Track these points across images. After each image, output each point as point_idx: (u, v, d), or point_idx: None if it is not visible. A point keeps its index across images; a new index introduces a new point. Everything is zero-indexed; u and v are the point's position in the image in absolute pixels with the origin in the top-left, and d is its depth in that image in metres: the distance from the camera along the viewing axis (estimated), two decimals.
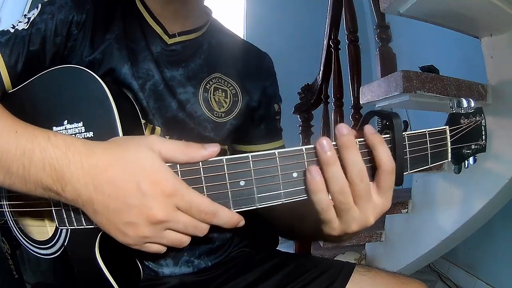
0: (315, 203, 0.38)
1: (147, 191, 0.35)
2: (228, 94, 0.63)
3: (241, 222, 0.39)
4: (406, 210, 1.42)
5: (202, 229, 0.38)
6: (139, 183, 0.35)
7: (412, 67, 1.13)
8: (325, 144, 0.36)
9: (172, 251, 0.62)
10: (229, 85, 0.63)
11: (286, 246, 1.81)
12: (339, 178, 0.37)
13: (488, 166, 1.10)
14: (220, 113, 0.61)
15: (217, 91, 0.62)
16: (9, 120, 0.40)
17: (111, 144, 0.38)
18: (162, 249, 0.39)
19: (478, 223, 1.27)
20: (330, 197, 0.38)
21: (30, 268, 0.54)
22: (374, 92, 1.17)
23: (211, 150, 0.37)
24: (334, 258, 1.62)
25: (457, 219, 1.22)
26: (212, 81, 0.62)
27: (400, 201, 1.42)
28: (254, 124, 0.66)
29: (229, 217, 0.38)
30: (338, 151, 0.37)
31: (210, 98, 0.61)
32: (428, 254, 1.37)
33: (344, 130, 0.37)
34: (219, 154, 0.38)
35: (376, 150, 0.38)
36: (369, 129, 0.38)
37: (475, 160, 0.46)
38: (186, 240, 0.39)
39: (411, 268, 1.46)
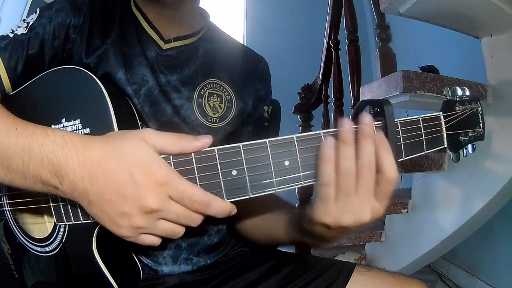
0: (321, 173, 0.39)
1: (140, 181, 0.36)
2: (223, 100, 0.63)
3: (234, 210, 0.39)
4: (406, 210, 1.42)
5: (195, 219, 0.38)
6: (133, 173, 0.36)
7: (412, 67, 1.13)
8: (345, 124, 0.38)
9: (171, 248, 0.62)
10: (224, 90, 0.64)
11: (286, 246, 1.81)
12: (350, 159, 0.38)
13: (488, 166, 1.10)
14: (214, 118, 0.62)
15: (212, 96, 0.62)
16: (9, 119, 0.41)
17: (107, 138, 0.39)
18: (157, 240, 0.40)
19: (478, 223, 1.27)
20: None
21: (29, 267, 0.54)
22: (374, 92, 1.17)
23: (203, 141, 0.38)
24: (334, 258, 1.62)
25: (457, 219, 1.22)
26: (207, 87, 0.62)
27: (400, 201, 1.42)
28: (242, 125, 0.67)
29: (222, 207, 0.38)
30: (356, 137, 0.39)
31: (204, 103, 0.61)
32: (428, 254, 1.37)
33: (367, 119, 0.38)
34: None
35: (381, 156, 0.38)
36: (381, 137, 0.39)
37: (473, 149, 0.46)
38: (180, 230, 0.39)
39: (411, 268, 1.46)
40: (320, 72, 1.90)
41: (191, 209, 0.37)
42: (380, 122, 0.40)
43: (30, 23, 0.54)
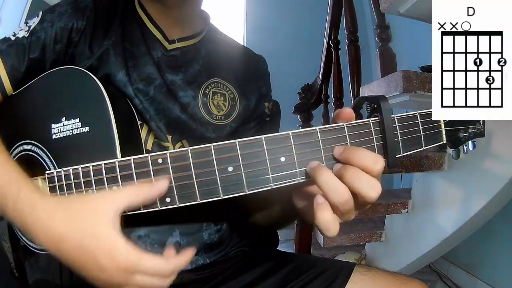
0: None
1: (105, 266, 0.38)
2: (227, 98, 0.64)
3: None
4: (406, 210, 1.42)
5: (166, 283, 0.42)
6: (97, 258, 0.38)
7: (412, 67, 1.13)
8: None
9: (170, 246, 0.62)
10: (227, 89, 0.65)
11: (286, 246, 1.82)
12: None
13: (488, 166, 1.10)
14: (219, 116, 0.63)
15: (216, 95, 0.63)
16: None
17: (70, 213, 0.39)
18: None
19: (478, 223, 1.27)
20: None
21: (30, 265, 0.54)
22: (374, 92, 1.17)
23: (161, 183, 0.39)
24: (334, 258, 1.62)
25: (457, 219, 1.22)
26: (211, 86, 0.63)
27: (400, 201, 1.42)
28: (246, 122, 0.68)
29: (184, 263, 0.42)
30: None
31: (209, 102, 0.62)
32: (428, 254, 1.37)
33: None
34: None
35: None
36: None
37: (474, 146, 0.45)
38: (160, 284, 0.41)
39: (411, 268, 1.47)
40: (320, 72, 1.90)
41: (160, 277, 0.40)
42: (377, 118, 0.40)
43: (32, 27, 0.54)
